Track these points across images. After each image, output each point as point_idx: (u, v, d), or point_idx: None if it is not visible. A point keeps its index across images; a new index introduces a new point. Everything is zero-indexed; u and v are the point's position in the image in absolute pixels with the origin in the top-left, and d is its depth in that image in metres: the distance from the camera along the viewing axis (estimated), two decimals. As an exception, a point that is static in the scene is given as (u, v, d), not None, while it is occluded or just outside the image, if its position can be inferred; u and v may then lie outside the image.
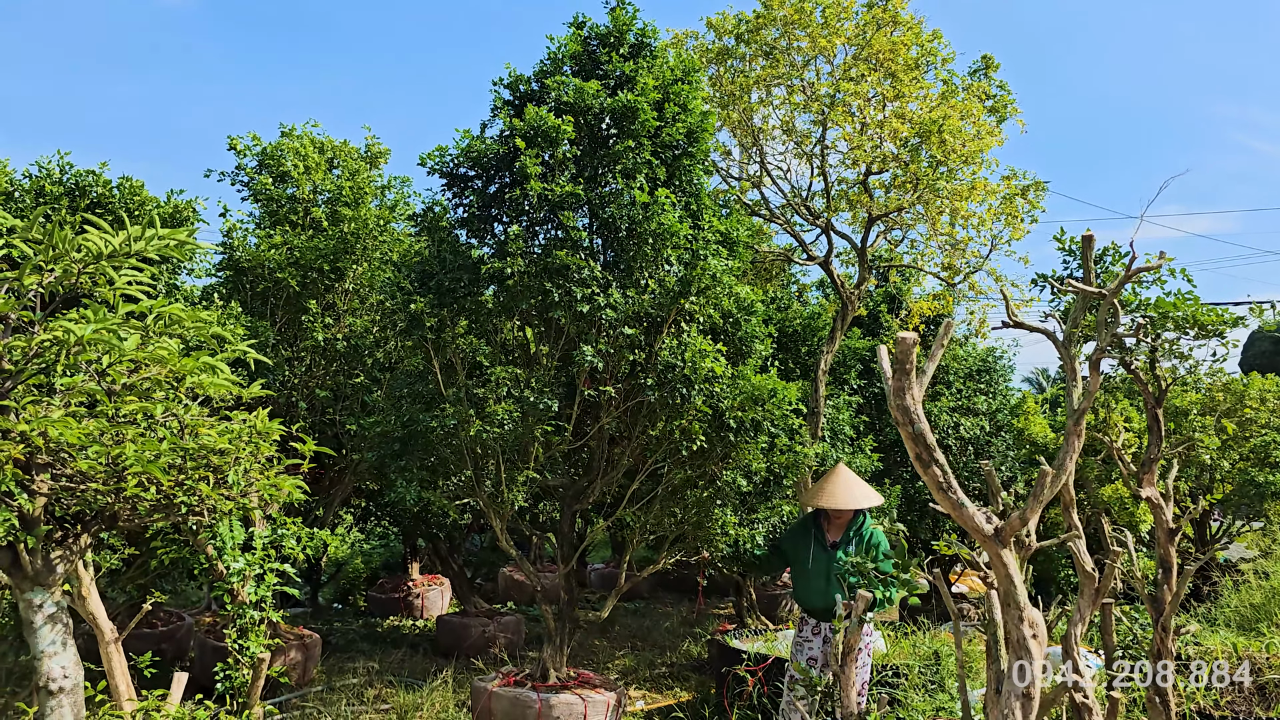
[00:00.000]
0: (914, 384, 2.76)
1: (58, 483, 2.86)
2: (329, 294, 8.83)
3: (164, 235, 2.79)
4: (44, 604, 3.02)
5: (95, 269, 2.72)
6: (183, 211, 7.41)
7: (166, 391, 2.93)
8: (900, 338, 2.76)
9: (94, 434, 2.66)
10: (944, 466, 2.83)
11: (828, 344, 9.75)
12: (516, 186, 6.30)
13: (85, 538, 3.08)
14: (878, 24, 9.18)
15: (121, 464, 2.75)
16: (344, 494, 9.13)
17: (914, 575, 3.67)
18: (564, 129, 6.15)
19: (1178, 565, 4.69)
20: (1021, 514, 2.91)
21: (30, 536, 2.91)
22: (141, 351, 2.69)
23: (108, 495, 2.88)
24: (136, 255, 2.78)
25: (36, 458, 2.77)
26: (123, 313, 2.74)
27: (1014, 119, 9.88)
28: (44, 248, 2.58)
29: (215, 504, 3.05)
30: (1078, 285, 4.25)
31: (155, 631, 7.98)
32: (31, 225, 2.56)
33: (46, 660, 3.00)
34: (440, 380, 6.28)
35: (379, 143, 10.41)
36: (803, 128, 9.78)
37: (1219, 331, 4.26)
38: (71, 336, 2.51)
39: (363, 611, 11.65)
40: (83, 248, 2.66)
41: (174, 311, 2.84)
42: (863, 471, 9.77)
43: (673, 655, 9.59)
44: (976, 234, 9.47)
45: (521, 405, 6.05)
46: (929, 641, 8.12)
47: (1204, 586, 11.88)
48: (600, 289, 6.14)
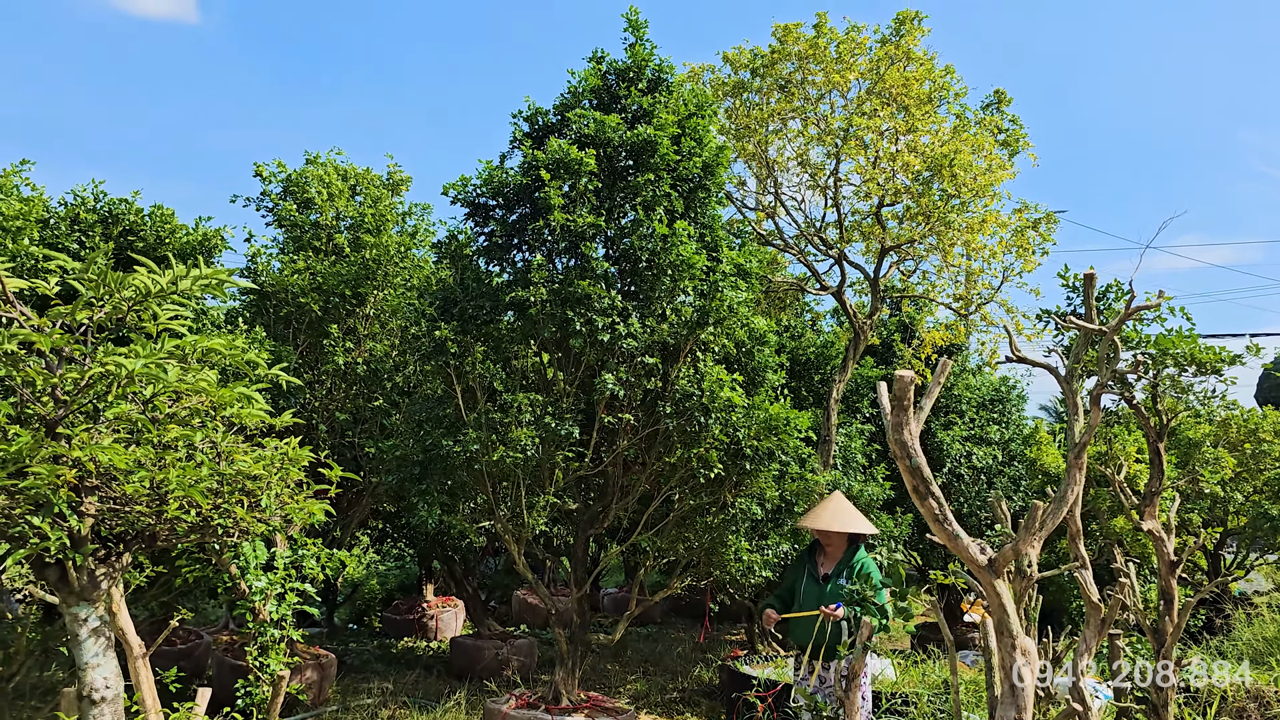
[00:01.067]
0: (911, 420, 2.89)
1: (105, 504, 3.04)
2: (350, 319, 9.03)
3: (206, 275, 2.97)
4: (88, 618, 3.18)
5: (142, 305, 2.90)
6: (211, 239, 7.63)
7: (205, 419, 3.10)
8: (898, 376, 2.89)
9: (140, 459, 2.84)
10: (940, 500, 2.96)
11: (840, 372, 9.88)
12: (538, 217, 6.48)
13: (126, 556, 3.24)
14: (890, 59, 9.37)
15: (164, 488, 2.92)
16: (362, 516, 9.29)
17: (911, 604, 3.78)
18: (586, 161, 6.32)
19: (1179, 597, 4.78)
20: (1014, 545, 3.03)
21: (78, 554, 3.08)
22: (183, 383, 2.87)
23: (150, 516, 3.05)
24: (179, 292, 2.96)
25: (87, 481, 2.94)
26: (167, 347, 2.92)
27: (1026, 152, 10.03)
28: (96, 285, 2.76)
29: (248, 525, 3.21)
30: (1078, 322, 4.38)
31: (175, 649, 8.12)
32: (87, 266, 2.74)
33: (90, 671, 3.16)
34: (461, 405, 6.43)
35: (400, 170, 10.65)
36: (817, 160, 9.97)
37: (1216, 369, 4.37)
38: (122, 370, 2.69)
39: (378, 632, 11.77)
40: (131, 285, 2.85)
41: (212, 344, 3.02)
42: (874, 500, 9.87)
43: (684, 680, 9.66)
44: (988, 266, 9.61)
45: (543, 431, 6.20)
46: (939, 670, 8.18)
47: (1216, 619, 11.85)
48: (620, 318, 6.30)
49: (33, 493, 2.73)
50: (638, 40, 7.17)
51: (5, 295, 2.79)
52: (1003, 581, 3.03)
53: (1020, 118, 10.09)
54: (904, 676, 8.46)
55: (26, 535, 2.84)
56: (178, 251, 7.18)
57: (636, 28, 7.11)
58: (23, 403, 2.89)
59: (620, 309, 6.31)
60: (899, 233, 9.65)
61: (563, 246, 6.53)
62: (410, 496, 6.64)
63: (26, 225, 6.55)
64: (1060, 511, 3.92)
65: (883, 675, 8.34)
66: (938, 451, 11.66)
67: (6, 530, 2.87)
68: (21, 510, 2.79)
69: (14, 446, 2.63)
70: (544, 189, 6.30)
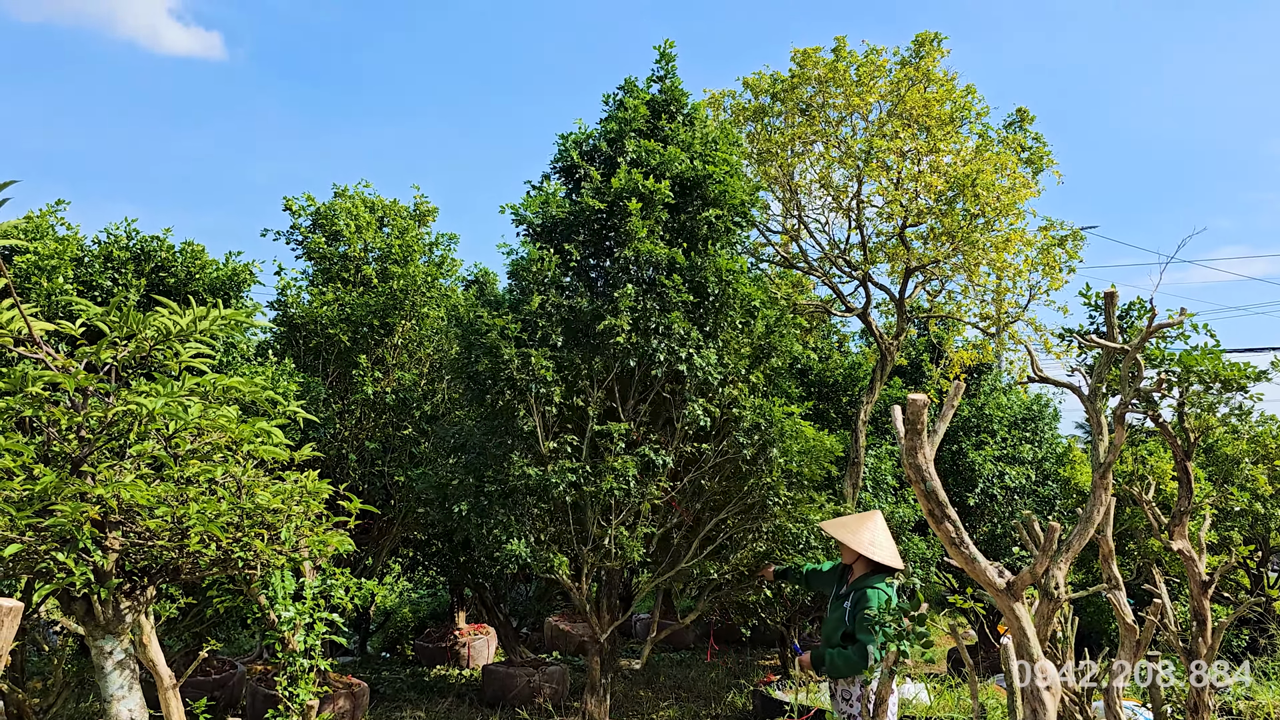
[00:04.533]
0: (925, 443, 2.89)
1: (128, 539, 3.11)
2: (378, 349, 9.14)
3: (226, 315, 3.05)
4: (114, 651, 3.25)
5: (164, 344, 2.98)
6: (240, 274, 7.76)
7: (225, 454, 3.17)
8: (911, 399, 2.90)
9: (162, 495, 2.90)
10: (956, 523, 2.95)
11: (868, 394, 9.84)
12: (620, 245, 6.54)
13: (151, 589, 3.31)
14: (910, 81, 9.38)
15: (185, 523, 2.98)
16: (392, 544, 9.35)
17: (931, 629, 3.75)
18: (662, 191, 6.44)
19: (1212, 617, 4.70)
20: (1032, 569, 3.01)
21: (103, 589, 3.14)
22: (204, 420, 2.94)
23: (172, 550, 3.12)
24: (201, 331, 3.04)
25: (110, 517, 3.01)
26: (189, 385, 2.99)
27: (1050, 170, 9.98)
28: (119, 326, 2.84)
29: (269, 559, 3.26)
30: (1100, 341, 4.35)
31: (209, 679, 8.20)
32: (110, 310, 2.83)
33: (116, 703, 3.22)
34: (540, 436, 6.43)
35: (427, 201, 10.81)
36: (839, 182, 9.97)
37: (1241, 385, 4.32)
38: (144, 409, 2.76)
39: (410, 660, 11.80)
40: (153, 326, 2.93)
41: (232, 383, 3.09)
42: (905, 522, 9.79)
43: (717, 707, 9.60)
44: (1014, 284, 9.54)
45: (639, 460, 6.30)
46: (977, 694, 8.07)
47: (1260, 639, 11.60)
48: (695, 349, 6.41)
49: (58, 529, 2.81)
50: (667, 72, 7.31)
51: (32, 338, 2.88)
52: (1022, 605, 3.01)
53: (1044, 135, 10.07)
54: (939, 701, 8.36)
55: (52, 570, 2.92)
56: (208, 286, 7.31)
57: (667, 59, 7.26)
58: (49, 442, 2.97)
59: (695, 340, 6.41)
60: (923, 253, 9.62)
61: (645, 276, 6.59)
62: (484, 528, 6.52)
63: (61, 264, 6.70)
64: (1087, 532, 3.88)
65: (916, 699, 8.25)
66: (970, 471, 11.54)
67: (34, 566, 2.95)
68: (48, 546, 2.86)
69: (39, 485, 2.71)
70: (628, 218, 6.38)
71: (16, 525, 2.77)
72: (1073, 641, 4.92)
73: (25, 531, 2.88)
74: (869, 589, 5.39)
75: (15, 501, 2.80)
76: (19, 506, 2.78)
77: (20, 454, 2.89)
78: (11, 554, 2.76)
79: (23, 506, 2.78)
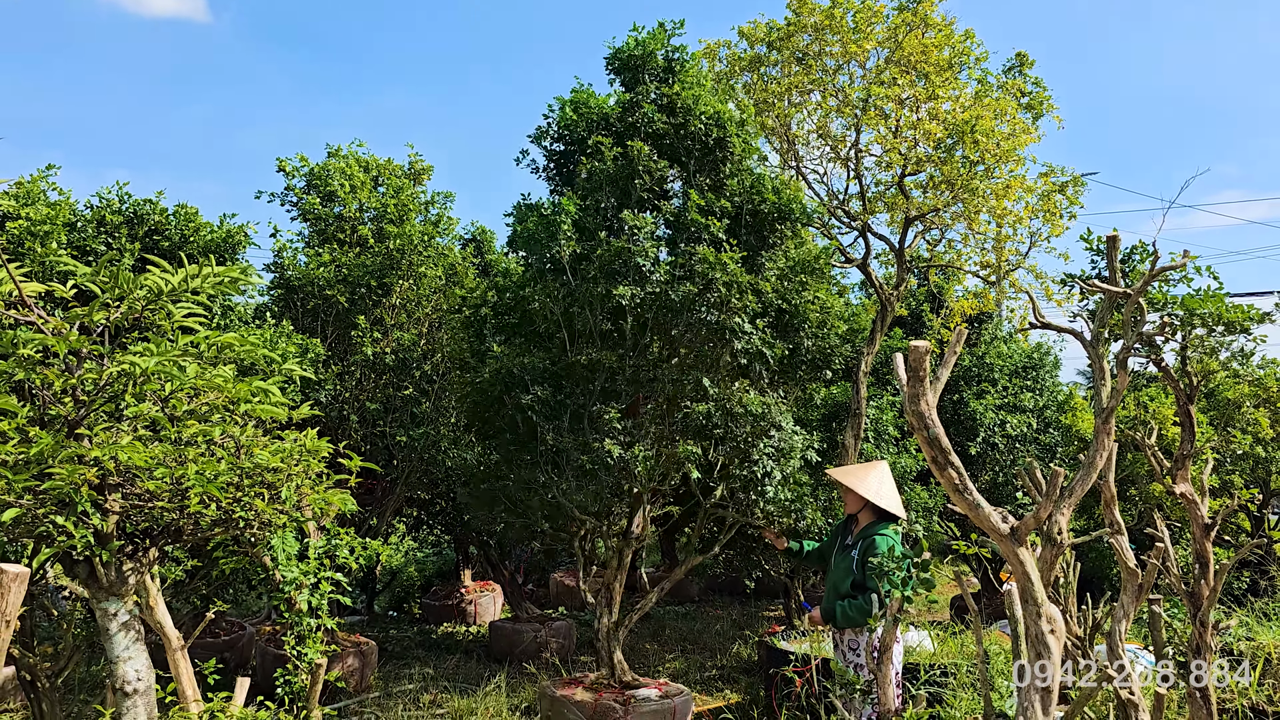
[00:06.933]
0: (928, 390, 2.87)
1: (128, 501, 3.10)
2: (376, 309, 9.10)
3: (219, 273, 3.01)
4: (118, 613, 3.26)
5: (156, 305, 2.94)
6: (234, 236, 7.71)
7: (223, 415, 3.15)
8: (913, 346, 2.87)
9: (159, 457, 2.89)
10: (959, 469, 2.94)
11: (868, 345, 9.80)
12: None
13: (153, 551, 3.31)
14: (908, 27, 9.23)
15: (184, 483, 2.97)
16: (396, 504, 9.38)
17: (933, 574, 3.76)
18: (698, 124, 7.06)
19: (1214, 560, 4.71)
20: (1035, 514, 3.01)
21: (104, 551, 3.14)
22: (200, 380, 2.91)
23: (172, 512, 3.11)
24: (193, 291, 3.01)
25: (108, 479, 3.00)
26: (183, 344, 2.96)
27: (1050, 115, 9.86)
28: (110, 287, 2.81)
29: (270, 518, 3.26)
30: (1102, 285, 4.30)
31: (219, 640, 8.27)
32: (99, 270, 2.80)
33: (121, 665, 3.24)
34: (570, 411, 6.40)
35: (421, 159, 10.70)
36: (837, 132, 9.86)
37: (1245, 327, 4.29)
38: (137, 369, 2.74)
39: (418, 619, 11.91)
40: (144, 286, 2.89)
41: (227, 340, 3.06)
42: (907, 471, 9.81)
43: (723, 658, 9.70)
44: (1014, 232, 9.47)
45: (658, 446, 6.45)
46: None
47: (1261, 581, 11.69)
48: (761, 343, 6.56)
49: (56, 493, 2.80)
50: (660, 28, 7.31)
51: (23, 300, 2.85)
52: (1026, 550, 3.01)
53: (1044, 80, 9.93)
54: (942, 648, 8.42)
55: (52, 534, 2.91)
56: (202, 249, 7.26)
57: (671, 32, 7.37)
58: (44, 405, 2.95)
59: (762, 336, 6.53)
60: (923, 202, 9.53)
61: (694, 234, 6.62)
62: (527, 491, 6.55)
63: (54, 229, 6.65)
64: (1090, 477, 3.87)
65: (920, 647, 8.31)
66: (971, 421, 11.55)
67: (34, 530, 2.94)
68: (46, 510, 2.86)
69: (35, 449, 2.70)
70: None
71: (14, 489, 2.77)
72: (1075, 586, 4.95)
73: (23, 495, 2.87)
74: (877, 535, 5.51)
75: (11, 465, 2.79)
76: (15, 470, 2.77)
77: (15, 414, 2.88)
78: (10, 518, 2.75)
79: (19, 470, 2.77)
